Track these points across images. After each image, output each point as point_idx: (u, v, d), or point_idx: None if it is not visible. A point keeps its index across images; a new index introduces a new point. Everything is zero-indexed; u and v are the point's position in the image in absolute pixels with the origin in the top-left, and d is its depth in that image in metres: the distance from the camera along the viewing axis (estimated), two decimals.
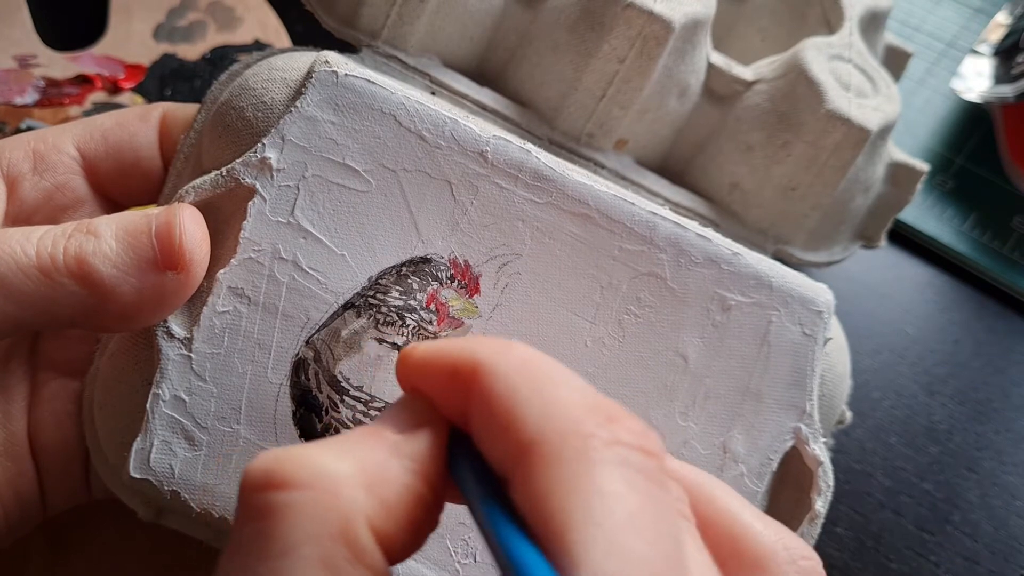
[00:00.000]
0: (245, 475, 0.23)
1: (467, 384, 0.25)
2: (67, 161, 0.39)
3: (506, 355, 0.25)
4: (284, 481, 0.23)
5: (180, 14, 0.62)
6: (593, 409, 0.24)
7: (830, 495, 0.38)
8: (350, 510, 0.22)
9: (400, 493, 0.24)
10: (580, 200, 0.37)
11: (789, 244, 0.46)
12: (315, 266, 0.36)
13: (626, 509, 0.22)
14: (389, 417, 0.26)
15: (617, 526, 0.21)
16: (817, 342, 0.39)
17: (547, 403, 0.24)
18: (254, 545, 0.22)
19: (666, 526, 0.22)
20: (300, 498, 0.22)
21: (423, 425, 0.26)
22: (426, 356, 0.26)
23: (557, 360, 0.37)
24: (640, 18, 0.41)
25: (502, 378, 0.24)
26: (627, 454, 0.23)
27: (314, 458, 0.23)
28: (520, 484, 0.23)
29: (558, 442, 0.23)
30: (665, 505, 0.23)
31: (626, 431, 0.23)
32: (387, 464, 0.24)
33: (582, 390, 0.24)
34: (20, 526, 0.38)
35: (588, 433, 0.23)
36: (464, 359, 0.25)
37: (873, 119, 0.43)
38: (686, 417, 0.38)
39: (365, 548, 0.22)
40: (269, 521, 0.22)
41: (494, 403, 0.24)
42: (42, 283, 0.32)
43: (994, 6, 0.74)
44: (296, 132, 0.36)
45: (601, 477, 0.22)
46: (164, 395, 0.35)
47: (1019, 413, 0.59)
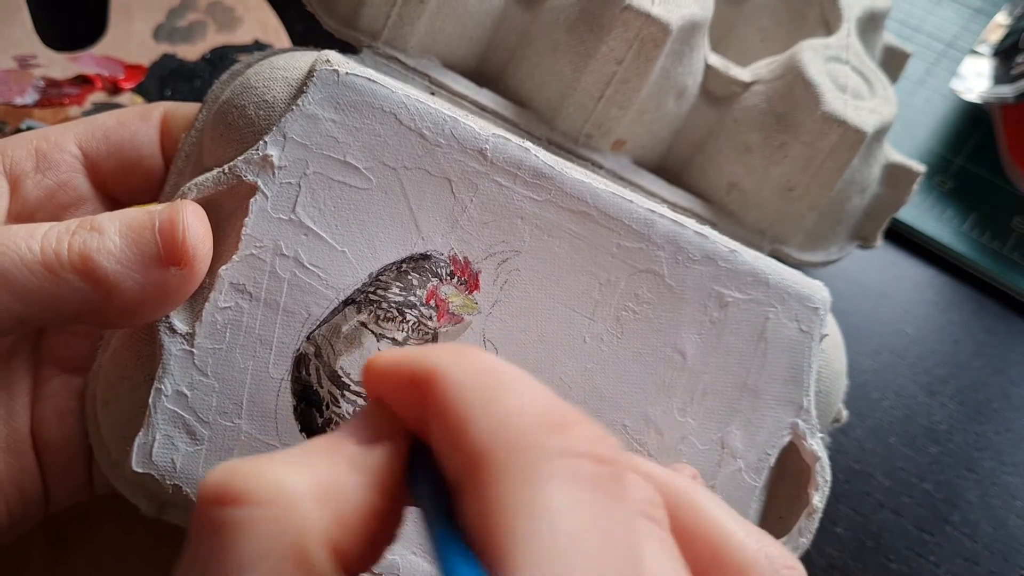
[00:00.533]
0: (200, 489, 0.23)
1: (424, 393, 0.24)
2: (69, 160, 0.39)
3: (463, 364, 0.24)
4: (238, 496, 0.22)
5: (180, 14, 0.62)
6: (544, 418, 0.23)
7: (827, 490, 0.39)
8: (304, 527, 0.22)
9: (357, 508, 0.23)
10: (579, 198, 0.37)
11: (786, 244, 0.46)
12: (316, 262, 0.36)
13: (571, 526, 0.21)
14: (350, 428, 0.26)
15: (561, 545, 0.21)
16: (814, 338, 0.39)
17: (498, 414, 0.23)
18: (208, 564, 0.22)
19: (617, 538, 0.22)
20: (253, 514, 0.22)
21: (383, 437, 0.25)
22: (388, 364, 0.26)
23: (556, 356, 0.38)
24: (638, 20, 0.41)
25: (456, 387, 0.24)
26: (576, 464, 0.22)
27: (269, 473, 0.23)
28: (469, 499, 0.22)
29: (505, 456, 0.22)
30: (617, 517, 0.22)
31: (577, 439, 0.23)
32: (344, 478, 0.24)
33: (537, 398, 0.24)
34: (23, 522, 0.38)
35: (536, 445, 0.22)
36: (422, 367, 0.25)
37: (869, 121, 0.44)
38: (684, 413, 0.38)
39: (320, 565, 0.22)
40: (222, 538, 0.22)
41: (448, 413, 0.23)
42: (46, 279, 0.32)
43: (994, 6, 0.74)
44: (297, 130, 0.36)
45: (546, 493, 0.21)
46: (166, 390, 0.35)
47: (1019, 413, 0.59)
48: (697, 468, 0.38)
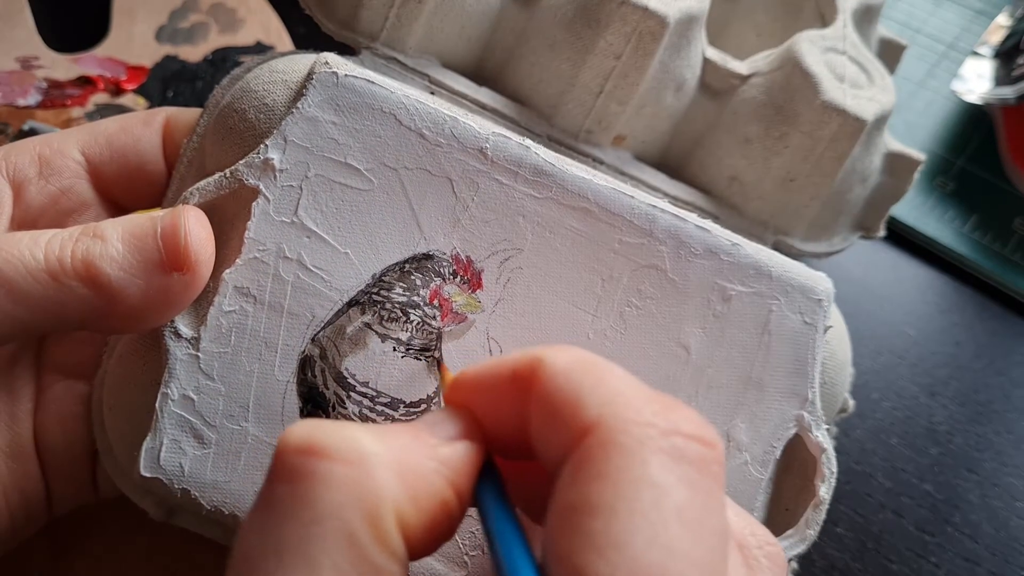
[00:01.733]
0: (285, 437, 0.24)
1: (528, 382, 0.25)
2: (72, 165, 0.39)
3: (565, 352, 0.25)
4: (323, 450, 0.23)
5: (182, 16, 0.62)
6: (652, 398, 0.24)
7: (834, 481, 0.39)
8: (381, 493, 0.23)
9: (429, 492, 0.24)
10: (580, 194, 0.38)
11: (789, 235, 0.46)
12: (319, 264, 0.36)
13: (675, 502, 0.22)
14: (428, 422, 0.27)
15: (663, 518, 0.22)
16: (817, 330, 0.39)
17: (608, 391, 0.24)
18: (285, 507, 0.23)
19: (713, 522, 0.23)
20: (336, 470, 0.23)
21: (462, 437, 0.26)
22: (483, 368, 0.27)
23: None
24: (635, 14, 0.41)
25: (563, 370, 0.25)
26: (684, 444, 0.23)
27: (354, 436, 0.24)
28: (572, 468, 0.23)
29: (616, 427, 0.23)
30: (716, 500, 0.23)
31: (684, 420, 0.24)
32: (422, 462, 0.25)
33: (639, 384, 0.25)
34: (26, 527, 0.38)
35: (646, 421, 0.23)
36: (524, 360, 0.26)
37: (868, 109, 0.44)
38: (689, 407, 0.38)
39: (389, 532, 0.23)
40: (303, 485, 0.23)
41: (556, 392, 0.24)
42: (50, 286, 0.33)
43: (995, 8, 0.74)
44: (298, 133, 0.36)
45: (654, 467, 0.22)
46: (173, 394, 0.35)
47: (1020, 415, 0.59)
48: None
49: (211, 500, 0.36)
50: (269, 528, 0.23)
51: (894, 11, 0.75)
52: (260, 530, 0.23)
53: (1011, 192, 0.66)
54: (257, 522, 0.23)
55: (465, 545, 0.36)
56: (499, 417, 0.27)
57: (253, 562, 0.23)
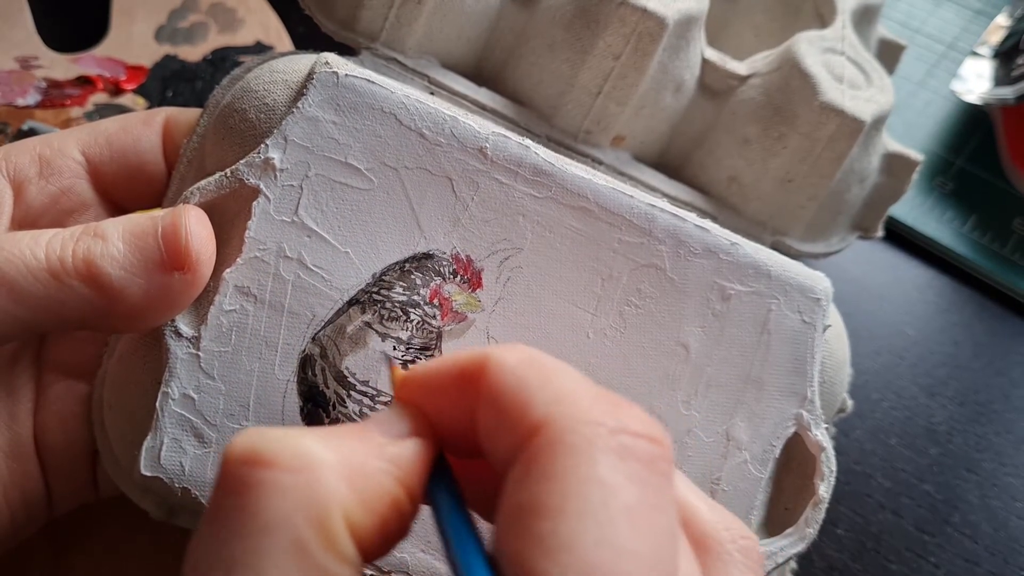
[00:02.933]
0: (229, 448, 0.23)
1: (476, 381, 0.25)
2: (72, 165, 0.39)
3: (514, 352, 0.25)
4: (267, 459, 0.23)
5: (182, 16, 0.62)
6: (600, 397, 0.24)
7: (833, 480, 0.39)
8: (328, 498, 0.23)
9: (378, 493, 0.24)
10: (579, 194, 0.38)
11: (787, 235, 0.46)
12: (320, 264, 0.36)
13: (623, 501, 0.22)
14: (377, 421, 0.26)
15: (611, 517, 0.22)
16: (816, 329, 0.39)
17: (556, 390, 0.24)
18: (231, 519, 0.22)
19: (663, 520, 0.23)
20: (281, 478, 0.23)
21: (412, 435, 0.26)
22: (432, 366, 0.27)
23: (560, 352, 0.38)
24: (634, 15, 0.41)
25: (511, 369, 0.25)
26: (632, 442, 0.23)
27: (299, 442, 0.24)
28: (521, 468, 0.23)
29: (564, 427, 0.23)
30: (665, 497, 0.23)
31: (632, 419, 0.24)
32: (370, 463, 0.24)
33: (588, 382, 0.25)
34: (27, 526, 0.38)
35: (594, 420, 0.23)
36: (473, 359, 0.25)
37: (867, 110, 0.44)
38: (689, 406, 0.38)
39: (339, 537, 0.22)
40: (248, 496, 0.22)
41: (504, 391, 0.24)
42: (51, 286, 0.33)
43: (994, 8, 0.74)
44: (298, 132, 0.36)
45: (602, 466, 0.22)
46: (173, 393, 0.35)
47: (1019, 415, 0.59)
48: (703, 460, 0.39)
49: None
50: (217, 541, 0.22)
51: (893, 11, 0.75)
52: (208, 543, 0.23)
53: (1010, 192, 0.66)
54: (205, 535, 0.23)
55: None
56: (449, 415, 0.26)
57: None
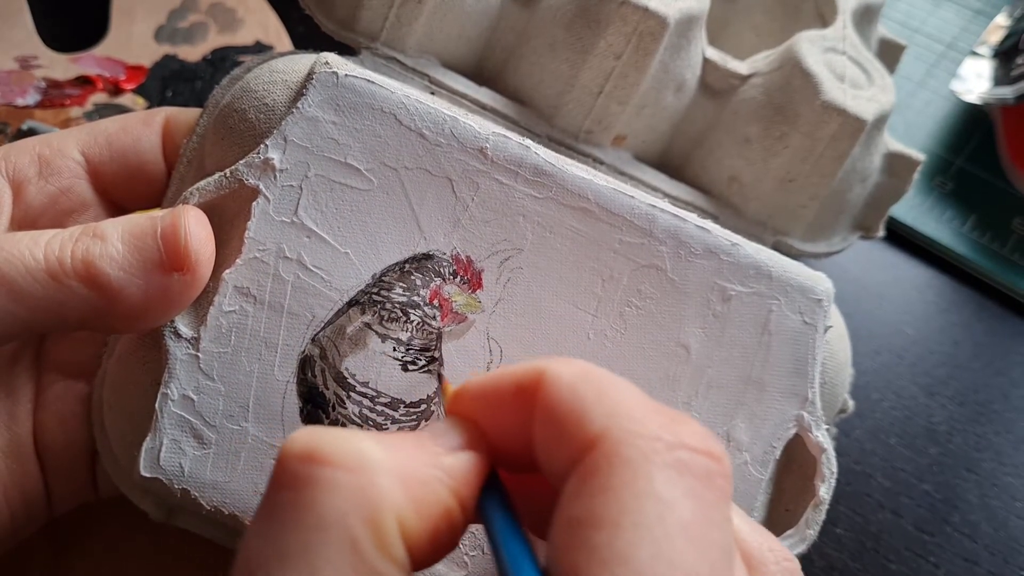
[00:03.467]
0: (288, 444, 0.24)
1: (532, 394, 0.25)
2: (72, 165, 0.39)
3: (569, 365, 0.25)
4: (325, 457, 0.23)
5: (181, 16, 0.62)
6: (658, 411, 0.24)
7: (834, 482, 0.39)
8: (383, 499, 0.23)
9: (432, 500, 0.24)
10: (580, 194, 0.38)
11: (788, 235, 0.46)
12: (319, 264, 0.36)
13: (679, 516, 0.22)
14: (433, 432, 0.26)
15: (667, 532, 0.22)
16: (817, 330, 0.39)
17: (613, 403, 0.24)
18: (287, 513, 0.23)
19: (719, 536, 0.23)
20: (338, 476, 0.23)
21: (466, 447, 0.26)
22: (487, 380, 0.27)
23: (560, 353, 0.38)
24: (635, 14, 0.41)
25: (568, 383, 0.25)
26: (689, 458, 0.23)
27: (357, 443, 0.24)
28: (577, 481, 0.23)
29: (622, 440, 0.23)
30: (722, 514, 0.23)
31: (690, 433, 0.24)
32: (425, 471, 0.25)
33: (644, 396, 0.25)
34: (26, 526, 0.38)
35: (652, 435, 0.23)
36: (529, 372, 0.26)
37: (868, 109, 0.44)
38: (689, 407, 0.38)
39: (391, 539, 0.23)
40: (305, 492, 0.23)
41: (561, 405, 0.24)
42: (50, 286, 0.33)
43: (994, 8, 0.74)
44: (298, 133, 0.36)
45: (659, 480, 0.22)
46: (173, 394, 0.35)
47: (1019, 415, 0.59)
48: None
49: (211, 500, 0.36)
50: (272, 535, 0.23)
51: (893, 11, 0.75)
52: (263, 537, 0.23)
53: (1010, 192, 0.66)
54: (260, 529, 0.23)
55: (465, 545, 0.36)
56: (503, 430, 0.27)
57: (256, 569, 0.23)
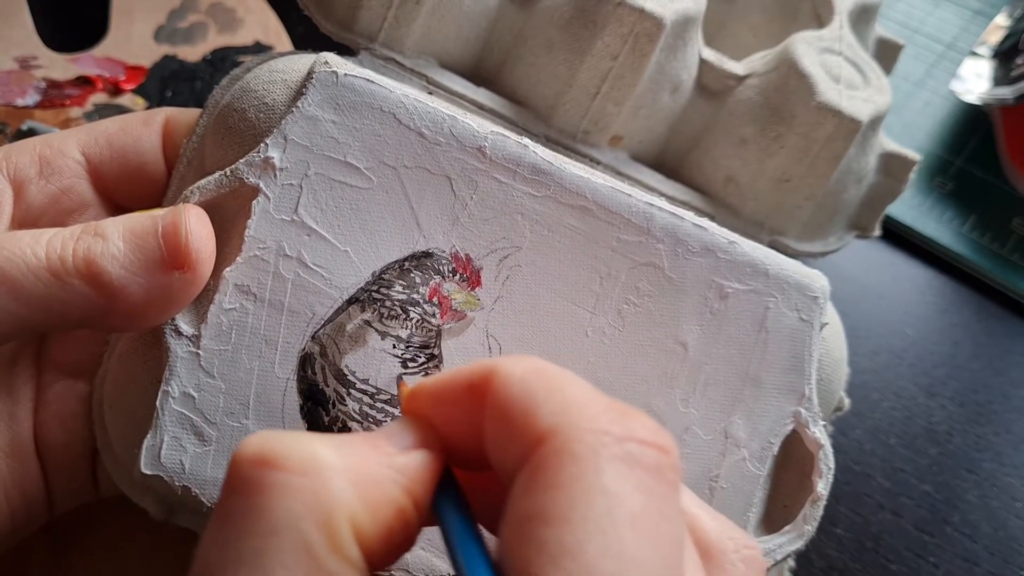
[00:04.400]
0: (239, 449, 0.24)
1: (483, 392, 0.25)
2: (72, 165, 0.39)
3: (520, 363, 0.25)
4: (277, 462, 0.23)
5: (181, 16, 0.62)
6: (607, 407, 0.24)
7: (831, 477, 0.39)
8: (336, 501, 0.23)
9: (384, 500, 0.24)
10: (578, 193, 0.38)
11: (784, 235, 0.46)
12: (319, 262, 0.36)
13: (629, 509, 0.22)
14: (386, 432, 0.26)
15: (616, 526, 0.22)
16: (814, 327, 0.39)
17: (562, 399, 0.24)
18: (240, 519, 0.23)
19: (668, 528, 0.23)
20: (290, 480, 0.23)
21: (420, 446, 0.26)
22: (440, 379, 0.27)
23: (559, 350, 0.38)
24: (632, 15, 0.41)
25: (518, 380, 0.25)
26: (638, 451, 0.23)
27: (309, 446, 0.24)
28: (526, 477, 0.23)
29: (570, 435, 0.23)
30: (672, 506, 0.23)
31: (639, 427, 0.24)
32: (378, 471, 0.25)
33: (595, 392, 0.25)
34: (27, 525, 0.38)
35: (601, 429, 0.23)
36: (480, 370, 0.26)
37: (864, 110, 0.44)
38: (687, 404, 0.39)
39: (345, 541, 0.23)
40: (257, 497, 0.23)
41: (510, 402, 0.24)
42: (52, 284, 0.33)
43: (993, 8, 0.74)
44: (298, 132, 0.36)
45: (607, 474, 0.22)
46: (173, 392, 0.35)
47: (1018, 415, 0.59)
48: (701, 458, 0.39)
49: (212, 497, 0.36)
50: (226, 541, 0.23)
51: (892, 11, 0.75)
52: (217, 544, 0.23)
53: (1009, 192, 0.66)
54: (214, 535, 0.23)
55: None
56: (457, 428, 0.27)
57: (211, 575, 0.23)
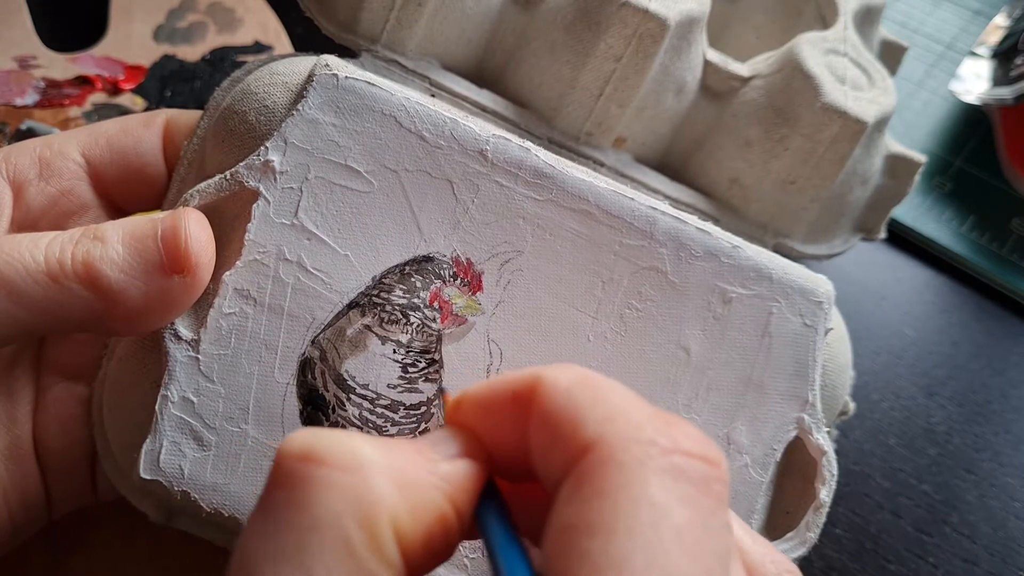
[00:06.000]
0: (285, 444, 0.24)
1: (528, 401, 0.25)
2: (72, 167, 0.39)
3: (565, 371, 0.25)
4: (321, 458, 0.23)
5: (180, 15, 0.62)
6: (653, 415, 0.24)
7: (834, 484, 0.39)
8: (378, 501, 0.23)
9: (427, 505, 0.24)
10: (580, 197, 0.38)
11: (789, 237, 0.46)
12: (319, 267, 0.36)
13: (674, 522, 0.22)
14: (431, 439, 0.26)
15: (662, 539, 0.21)
16: (818, 332, 0.39)
17: (608, 409, 0.24)
18: (282, 513, 0.23)
19: (714, 543, 0.22)
20: (334, 476, 0.23)
21: (464, 455, 0.26)
22: (484, 388, 0.27)
23: (560, 355, 0.38)
24: (636, 17, 0.41)
25: (563, 389, 0.25)
26: (685, 463, 0.23)
27: (354, 444, 0.24)
28: (571, 487, 0.23)
29: (616, 445, 0.23)
30: (718, 520, 0.23)
31: (686, 438, 0.24)
32: (422, 476, 0.25)
33: (641, 401, 0.25)
34: (26, 528, 0.38)
35: (647, 439, 0.23)
36: (524, 379, 0.25)
37: (869, 111, 0.44)
38: (689, 409, 0.38)
39: (385, 541, 0.23)
40: (300, 491, 0.23)
41: (556, 411, 0.24)
42: (51, 288, 0.32)
43: (993, 8, 0.74)
44: (298, 135, 0.36)
45: (653, 486, 0.22)
46: (172, 396, 0.35)
47: (1018, 415, 0.59)
48: None
49: (210, 502, 0.36)
50: (267, 534, 0.23)
51: (892, 11, 0.75)
52: (258, 536, 0.23)
53: (1009, 192, 0.66)
54: (255, 528, 0.23)
55: (465, 547, 0.36)
56: (501, 438, 0.27)
57: (250, 568, 0.23)
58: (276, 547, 0.22)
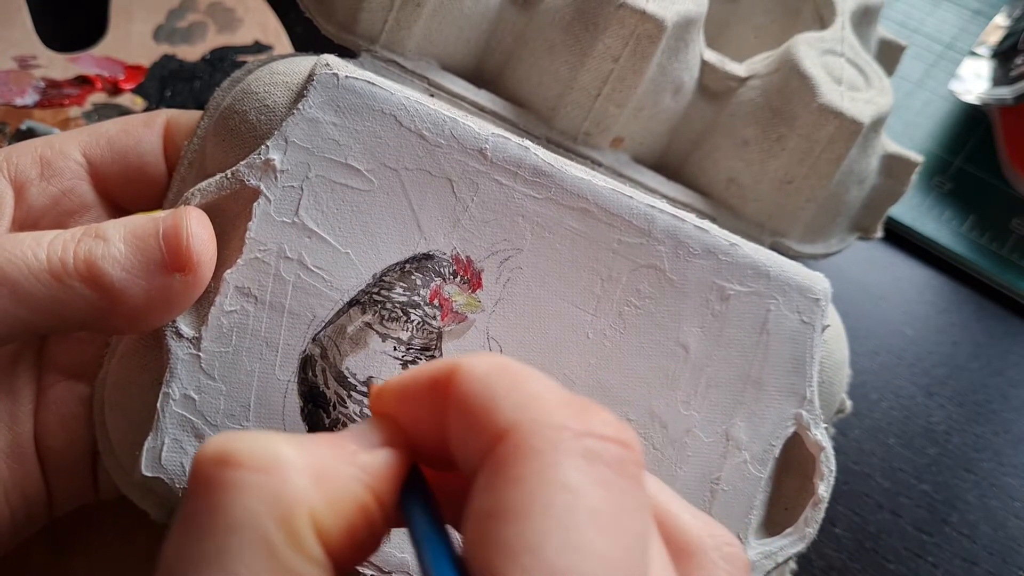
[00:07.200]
0: (200, 451, 0.24)
1: (446, 389, 0.25)
2: (73, 167, 0.39)
3: (482, 359, 0.25)
4: (237, 460, 0.23)
5: (180, 15, 0.62)
6: (568, 401, 0.24)
7: (833, 480, 0.39)
8: (295, 498, 0.23)
9: (346, 497, 0.24)
10: (579, 195, 0.38)
11: (786, 237, 0.46)
12: (320, 264, 0.36)
13: (589, 504, 0.22)
14: (351, 431, 0.26)
15: (577, 521, 0.21)
16: (815, 329, 0.39)
17: (523, 396, 0.24)
18: (201, 518, 0.23)
19: (631, 523, 0.23)
20: (249, 477, 0.23)
21: (384, 445, 0.26)
22: (403, 379, 0.27)
23: (560, 352, 0.38)
24: (633, 17, 0.41)
25: (480, 376, 0.25)
26: (599, 446, 0.23)
27: (268, 444, 0.24)
28: (486, 474, 0.23)
29: (530, 431, 0.23)
30: (634, 500, 0.23)
31: (600, 423, 0.24)
32: (340, 469, 0.24)
33: (558, 388, 0.25)
34: (27, 527, 0.38)
35: (560, 424, 0.23)
36: (443, 367, 0.25)
37: (866, 112, 0.44)
38: (688, 406, 0.39)
39: (305, 537, 0.23)
40: (218, 495, 0.23)
41: (471, 398, 0.24)
42: (53, 287, 0.33)
43: (993, 8, 0.74)
44: (299, 134, 0.36)
45: (567, 470, 0.22)
46: (174, 394, 0.35)
47: (1017, 414, 0.59)
48: (702, 460, 0.39)
49: None
50: (187, 542, 0.23)
51: (892, 11, 0.75)
52: (179, 544, 0.23)
53: (1008, 192, 0.66)
54: (176, 537, 0.23)
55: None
56: (423, 427, 0.26)
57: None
58: (198, 553, 0.22)
